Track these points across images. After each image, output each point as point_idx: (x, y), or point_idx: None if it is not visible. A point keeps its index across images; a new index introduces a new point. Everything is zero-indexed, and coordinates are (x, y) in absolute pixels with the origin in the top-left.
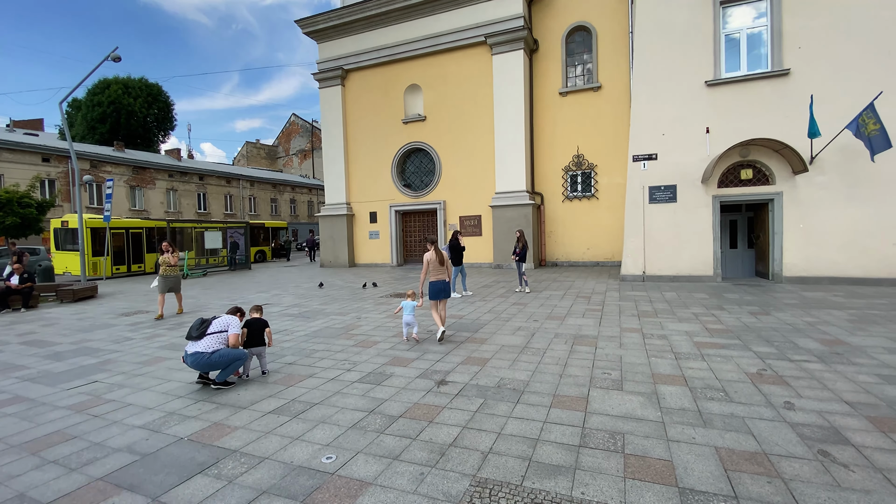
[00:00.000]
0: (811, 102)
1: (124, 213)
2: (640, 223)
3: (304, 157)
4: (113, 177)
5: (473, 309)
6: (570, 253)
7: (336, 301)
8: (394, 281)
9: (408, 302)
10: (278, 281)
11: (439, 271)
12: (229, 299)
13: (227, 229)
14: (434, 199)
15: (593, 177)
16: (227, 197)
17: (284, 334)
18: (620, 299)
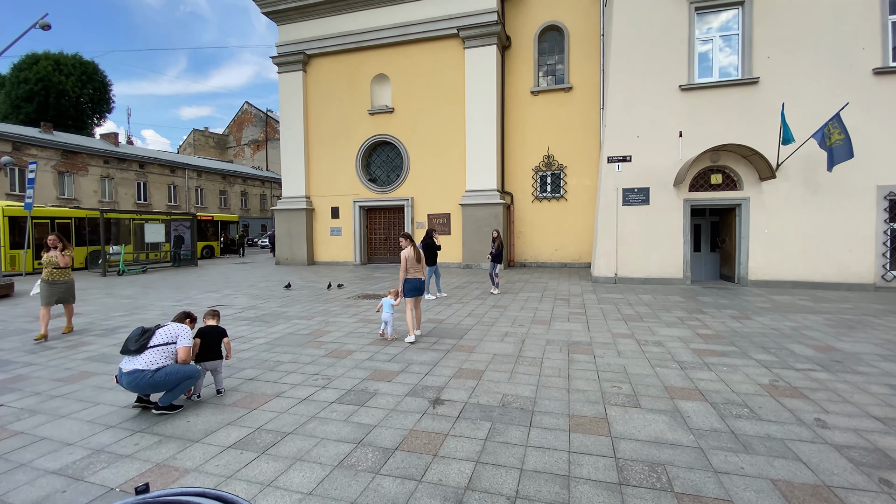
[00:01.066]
0: (783, 109)
1: (51, 202)
2: (612, 225)
3: (257, 147)
4: (39, 160)
5: (451, 312)
6: (539, 254)
7: (298, 303)
8: (359, 281)
9: (387, 300)
10: (230, 279)
11: (416, 269)
12: (174, 301)
13: (172, 222)
14: (401, 195)
15: (563, 178)
16: (171, 187)
17: (241, 342)
18: (599, 302)
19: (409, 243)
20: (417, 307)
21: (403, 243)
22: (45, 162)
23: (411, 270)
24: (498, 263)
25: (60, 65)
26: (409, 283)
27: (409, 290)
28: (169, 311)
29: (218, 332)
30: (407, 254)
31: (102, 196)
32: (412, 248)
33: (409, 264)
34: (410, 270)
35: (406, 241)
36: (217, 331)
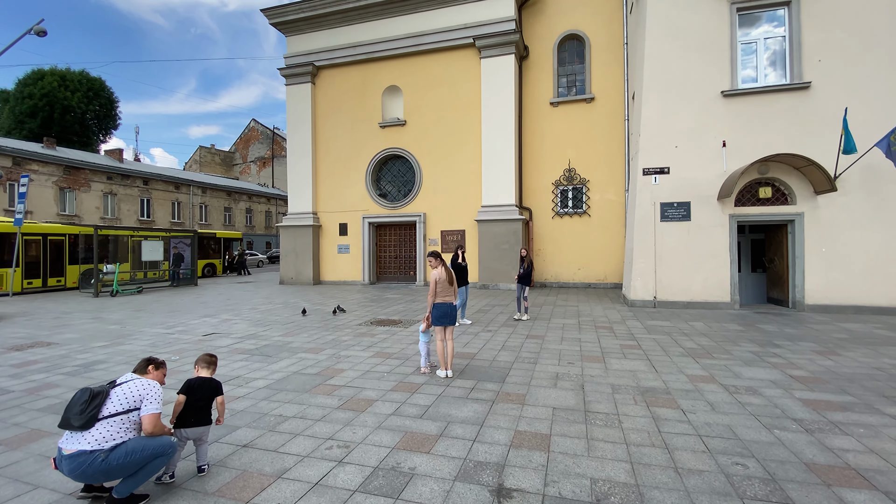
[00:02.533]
0: (845, 115)
1: (51, 218)
2: (650, 242)
3: (262, 164)
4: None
5: (481, 344)
6: (560, 273)
7: (304, 330)
8: (369, 303)
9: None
10: (230, 300)
11: (446, 292)
12: (165, 327)
13: (171, 238)
14: (413, 210)
15: (585, 192)
16: (175, 204)
17: (237, 384)
18: (648, 331)
19: (440, 263)
20: (449, 338)
21: (433, 263)
22: (45, 178)
23: (441, 294)
24: (526, 286)
25: (66, 80)
26: (437, 309)
27: (438, 318)
28: (158, 340)
29: (212, 387)
30: (438, 275)
31: (104, 212)
32: (443, 269)
33: (439, 287)
34: (440, 294)
35: (436, 262)
36: (210, 386)
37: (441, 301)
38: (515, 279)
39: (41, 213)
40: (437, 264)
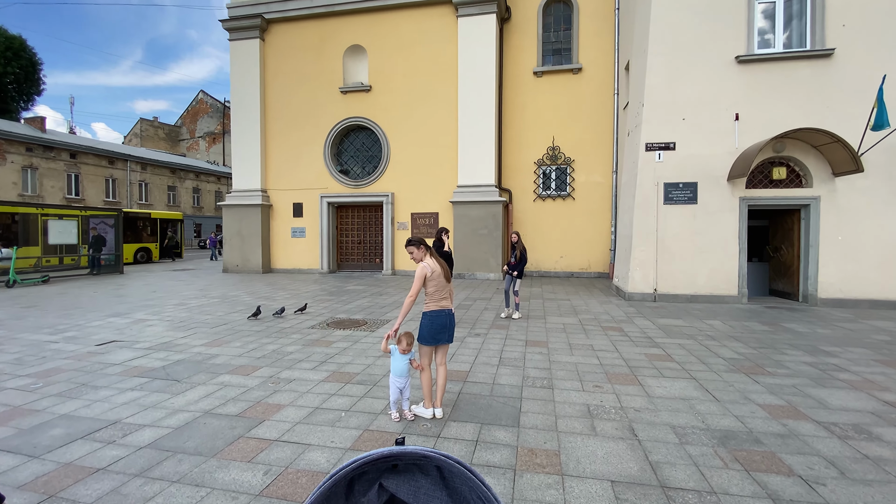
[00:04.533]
0: (882, 84)
1: None
2: (652, 228)
3: (213, 140)
4: None
5: (471, 354)
6: (541, 261)
7: (237, 336)
8: (327, 297)
9: (397, 354)
10: (156, 293)
11: (443, 293)
12: (49, 332)
13: (90, 218)
14: (379, 190)
15: (569, 173)
16: (110, 181)
17: (105, 438)
18: (665, 333)
19: (426, 252)
20: (443, 362)
21: (416, 253)
22: None
23: (436, 296)
24: (518, 279)
25: None
26: (433, 321)
27: (434, 333)
28: (30, 353)
29: None
30: (430, 268)
31: (24, 189)
32: (434, 260)
33: (432, 286)
34: (434, 297)
35: (421, 251)
36: None
37: (437, 308)
38: (504, 269)
39: None
40: (422, 254)
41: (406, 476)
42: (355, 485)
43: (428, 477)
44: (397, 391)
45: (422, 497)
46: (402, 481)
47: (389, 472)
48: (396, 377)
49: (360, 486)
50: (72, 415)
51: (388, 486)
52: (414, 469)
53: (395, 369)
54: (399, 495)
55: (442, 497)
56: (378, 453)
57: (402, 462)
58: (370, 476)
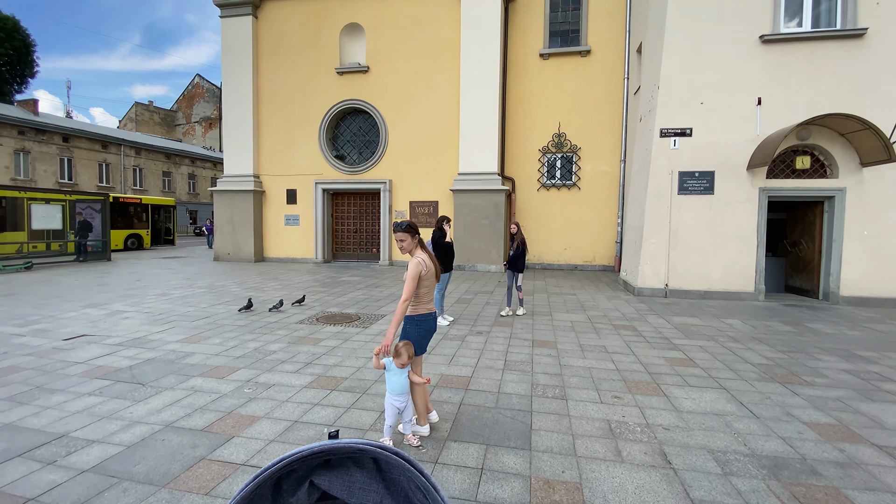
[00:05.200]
0: None
1: None
2: (664, 220)
3: (209, 126)
4: None
5: (474, 356)
6: (544, 253)
7: (218, 331)
8: (320, 289)
9: (392, 368)
10: (140, 282)
11: (430, 294)
12: (19, 322)
13: (76, 203)
14: (376, 177)
15: (575, 162)
16: (103, 166)
17: (44, 459)
18: (683, 333)
19: (416, 244)
20: (420, 372)
21: (407, 243)
22: None
23: (425, 297)
24: (519, 272)
25: None
26: (420, 327)
27: (421, 340)
28: None
29: None
30: (423, 265)
31: (16, 173)
32: (426, 254)
33: (425, 287)
34: (424, 297)
35: (413, 240)
36: None
37: (426, 311)
38: (504, 265)
39: None
40: (413, 245)
41: (340, 472)
42: (283, 484)
43: (363, 470)
44: (395, 413)
45: (357, 492)
46: (335, 477)
47: (321, 469)
48: (395, 396)
49: (289, 485)
50: (16, 425)
51: (320, 484)
52: (348, 463)
53: (392, 387)
54: (332, 492)
55: (378, 490)
56: (308, 449)
57: (336, 457)
58: (299, 474)
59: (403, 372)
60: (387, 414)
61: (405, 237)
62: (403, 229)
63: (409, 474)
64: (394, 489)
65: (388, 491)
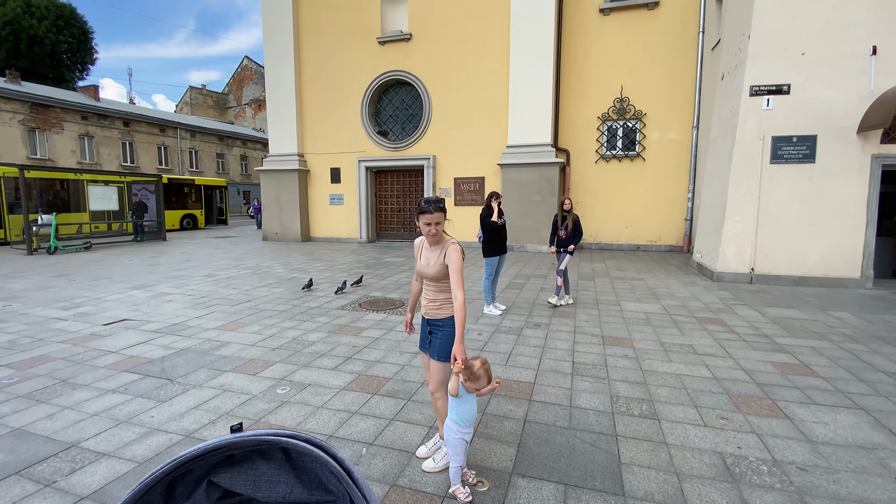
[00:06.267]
0: None
1: (20, 162)
2: (753, 193)
3: (258, 107)
4: (5, 114)
5: (534, 355)
6: (602, 232)
7: (257, 317)
8: (363, 270)
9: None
10: (189, 262)
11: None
12: (66, 304)
13: (131, 184)
14: (419, 153)
15: (640, 130)
16: (162, 149)
17: (71, 463)
18: (784, 330)
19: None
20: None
21: (442, 226)
22: (10, 116)
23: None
24: (567, 254)
25: (31, 6)
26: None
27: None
28: (32, 331)
29: None
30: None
31: (82, 157)
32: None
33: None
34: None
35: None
36: None
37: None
38: (552, 250)
39: (8, 156)
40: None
41: (243, 466)
42: (177, 487)
43: (271, 462)
44: (465, 448)
45: (264, 485)
46: (238, 472)
47: (222, 466)
48: (465, 428)
49: (184, 487)
50: (26, 430)
51: (220, 482)
52: (254, 456)
53: (463, 415)
54: (234, 489)
55: (289, 480)
56: (204, 446)
57: (239, 451)
58: (197, 474)
59: (474, 396)
60: (453, 451)
61: (440, 218)
62: (437, 208)
63: (321, 460)
64: (305, 477)
65: (298, 480)
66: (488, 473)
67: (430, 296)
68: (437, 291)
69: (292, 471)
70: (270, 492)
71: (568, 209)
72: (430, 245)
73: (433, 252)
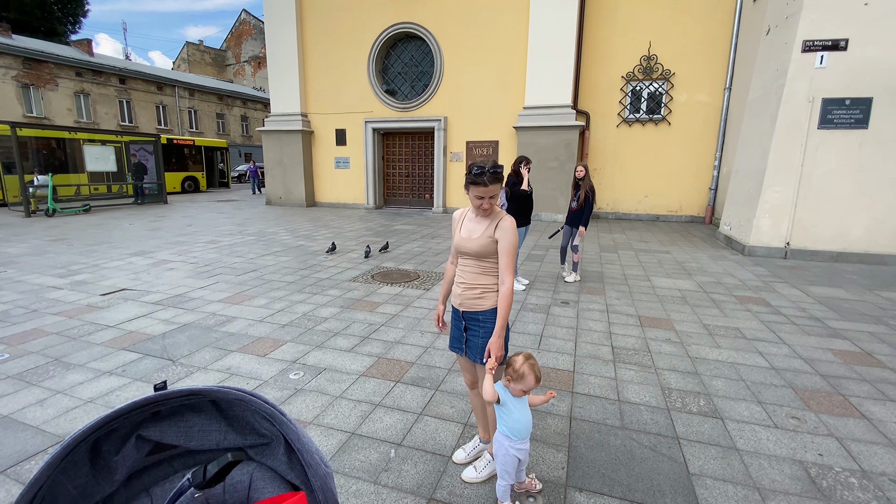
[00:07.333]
0: None
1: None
2: (796, 161)
3: (258, 65)
4: None
5: (569, 339)
6: (620, 201)
7: (265, 288)
8: (373, 239)
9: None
10: (191, 227)
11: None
12: (62, 272)
13: (129, 144)
14: (430, 114)
15: (667, 91)
16: (160, 108)
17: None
18: (837, 313)
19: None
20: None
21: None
22: (3, 72)
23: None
24: (578, 227)
25: None
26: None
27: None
28: (25, 301)
29: None
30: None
31: (78, 115)
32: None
33: None
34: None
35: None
36: None
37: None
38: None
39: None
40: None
41: (173, 420)
42: (102, 445)
43: (201, 414)
44: (516, 465)
45: (196, 435)
46: (168, 426)
47: (149, 422)
48: (517, 443)
49: (109, 445)
50: (14, 418)
51: (150, 436)
52: (182, 410)
53: (513, 425)
54: (166, 440)
55: (221, 429)
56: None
57: (166, 407)
58: (122, 432)
59: (525, 401)
60: (503, 468)
61: (496, 191)
62: (494, 177)
63: (252, 406)
64: (237, 424)
65: (231, 427)
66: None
67: (467, 280)
68: (478, 274)
69: (224, 420)
70: (203, 440)
71: (580, 177)
72: (475, 216)
73: (479, 223)
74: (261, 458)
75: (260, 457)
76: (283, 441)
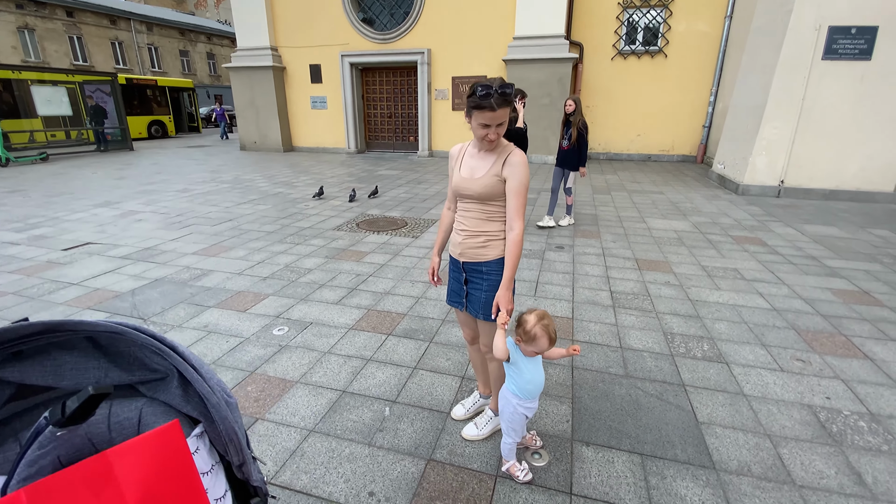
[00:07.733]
0: None
1: None
2: (797, 95)
3: None
4: None
5: (566, 284)
6: (612, 140)
7: (241, 239)
8: (357, 185)
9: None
10: (160, 175)
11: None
12: (20, 225)
13: (84, 85)
14: (411, 46)
15: (665, 19)
16: (116, 45)
17: None
18: (832, 251)
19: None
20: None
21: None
22: None
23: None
24: (573, 170)
25: None
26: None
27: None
28: None
29: None
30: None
31: (25, 54)
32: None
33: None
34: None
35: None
36: None
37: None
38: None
39: None
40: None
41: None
42: None
43: (73, 351)
44: (523, 422)
45: (68, 373)
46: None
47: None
48: (526, 402)
49: None
50: None
51: (9, 377)
52: (49, 349)
53: (523, 385)
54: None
55: (101, 365)
56: None
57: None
58: None
59: (538, 360)
60: (508, 425)
61: (504, 117)
62: (502, 99)
63: (139, 341)
64: (122, 361)
65: (113, 364)
66: (544, 440)
67: (468, 227)
68: (482, 220)
69: (105, 356)
70: (78, 379)
71: (570, 112)
72: (478, 151)
73: (483, 159)
74: (153, 393)
75: (153, 392)
76: (178, 374)
